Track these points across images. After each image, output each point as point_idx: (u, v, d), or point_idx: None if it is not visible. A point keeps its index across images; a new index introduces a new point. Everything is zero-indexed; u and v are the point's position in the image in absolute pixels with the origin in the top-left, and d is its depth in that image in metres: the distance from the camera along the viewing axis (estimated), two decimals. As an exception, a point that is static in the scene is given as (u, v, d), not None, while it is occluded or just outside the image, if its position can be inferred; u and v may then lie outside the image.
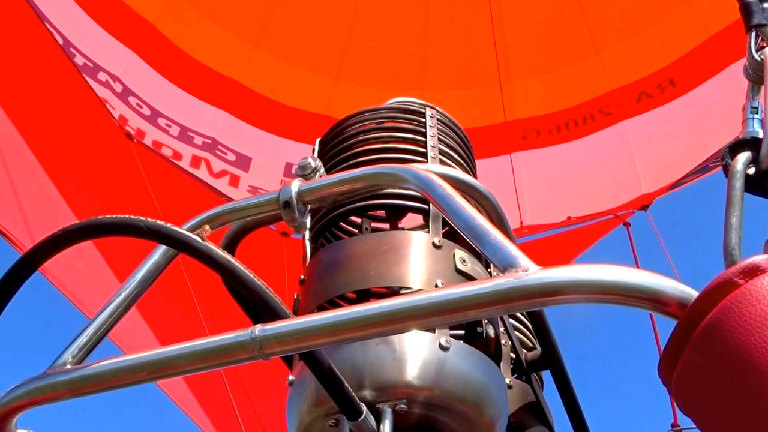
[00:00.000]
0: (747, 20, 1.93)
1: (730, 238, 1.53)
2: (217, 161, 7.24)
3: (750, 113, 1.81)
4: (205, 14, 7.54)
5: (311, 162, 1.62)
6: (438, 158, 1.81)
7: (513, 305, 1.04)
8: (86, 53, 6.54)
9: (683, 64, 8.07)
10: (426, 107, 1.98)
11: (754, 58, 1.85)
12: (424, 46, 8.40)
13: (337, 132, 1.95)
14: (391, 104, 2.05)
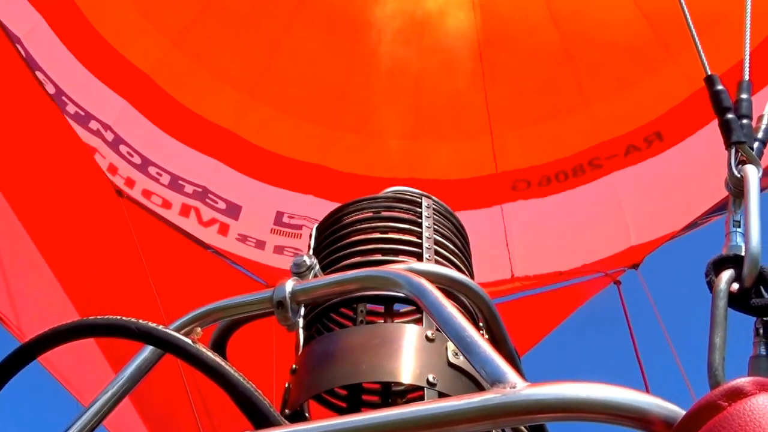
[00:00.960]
0: (726, 137, 2.02)
1: (713, 357, 1.54)
2: (207, 209, 7.11)
3: (733, 227, 1.84)
4: (200, 64, 7.49)
5: (306, 260, 1.60)
6: (433, 253, 1.80)
7: (500, 421, 1.04)
8: (78, 102, 6.44)
9: (669, 118, 8.04)
10: (422, 197, 2.02)
11: (734, 175, 1.92)
12: (417, 97, 8.36)
13: (334, 219, 1.96)
14: (388, 193, 2.09)
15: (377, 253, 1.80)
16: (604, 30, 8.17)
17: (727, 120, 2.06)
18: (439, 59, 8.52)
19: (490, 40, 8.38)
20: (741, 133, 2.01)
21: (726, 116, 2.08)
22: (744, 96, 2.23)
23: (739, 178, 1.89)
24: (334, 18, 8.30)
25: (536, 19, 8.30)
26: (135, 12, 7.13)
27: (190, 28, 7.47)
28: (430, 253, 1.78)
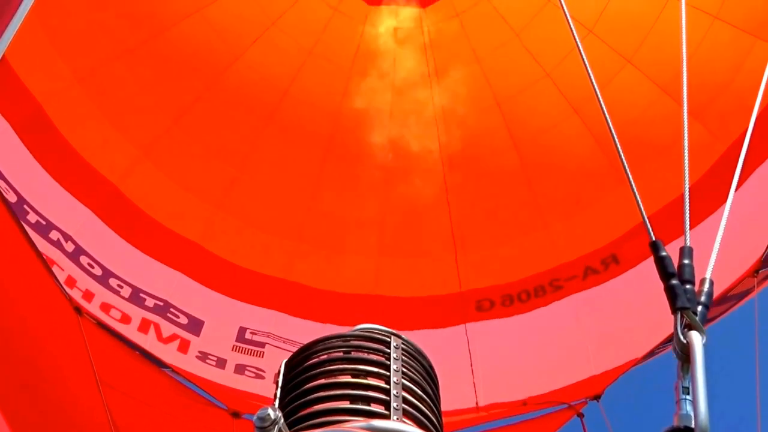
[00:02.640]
0: (672, 303, 2.12)
1: None
2: (168, 325, 6.66)
3: (682, 393, 1.88)
4: (169, 176, 7.25)
5: (270, 413, 1.58)
6: (401, 401, 1.76)
7: None
8: (41, 211, 6.07)
9: (624, 242, 8.03)
10: (391, 336, 1.99)
11: (680, 340, 1.98)
12: (383, 214, 8.21)
13: (303, 357, 1.93)
14: (357, 331, 2.05)
15: (345, 399, 1.76)
16: (561, 154, 8.27)
17: (671, 286, 2.16)
18: (405, 179, 8.46)
19: (453, 162, 8.40)
20: (685, 299, 2.10)
21: (670, 282, 2.18)
22: (686, 261, 2.35)
23: (685, 343, 1.94)
24: (303, 135, 8.23)
25: (498, 143, 8.38)
26: (105, 121, 6.93)
27: (160, 140, 7.28)
28: (397, 402, 1.73)
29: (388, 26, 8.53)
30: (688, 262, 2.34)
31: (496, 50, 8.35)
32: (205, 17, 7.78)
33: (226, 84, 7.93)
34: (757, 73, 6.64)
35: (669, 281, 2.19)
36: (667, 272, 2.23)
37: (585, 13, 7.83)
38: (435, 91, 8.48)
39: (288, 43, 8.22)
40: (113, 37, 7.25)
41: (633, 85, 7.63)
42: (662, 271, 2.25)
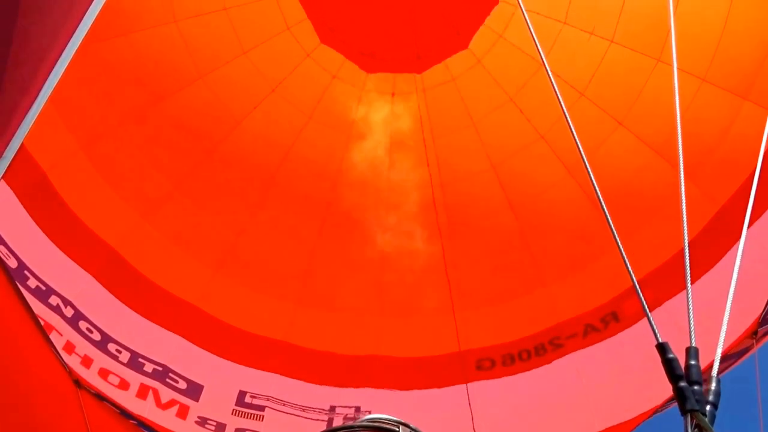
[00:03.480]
0: (681, 405, 2.14)
1: None
2: (167, 390, 6.53)
3: None
4: (169, 240, 7.23)
5: None
6: None
7: None
8: (41, 276, 6.03)
9: (624, 299, 7.96)
10: (400, 426, 1.99)
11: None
12: (381, 275, 8.16)
13: None
14: (365, 422, 2.04)
15: None
16: (557, 215, 8.27)
17: (680, 388, 2.17)
18: (403, 241, 8.45)
19: (450, 223, 8.40)
20: (694, 401, 2.11)
21: (679, 384, 2.19)
22: (693, 362, 2.35)
23: None
24: (302, 199, 8.25)
25: (494, 205, 8.38)
26: (108, 187, 6.94)
27: (161, 204, 7.28)
28: None
29: (385, 92, 8.65)
30: (694, 363, 2.34)
31: (490, 114, 8.44)
32: (207, 84, 7.90)
33: (227, 149, 7.99)
34: (746, 133, 6.75)
35: (677, 384, 2.20)
36: (675, 374, 2.24)
37: (576, 76, 7.95)
38: (431, 154, 8.54)
39: (287, 109, 8.32)
40: (116, 104, 7.34)
41: (625, 147, 7.68)
42: (670, 374, 2.27)
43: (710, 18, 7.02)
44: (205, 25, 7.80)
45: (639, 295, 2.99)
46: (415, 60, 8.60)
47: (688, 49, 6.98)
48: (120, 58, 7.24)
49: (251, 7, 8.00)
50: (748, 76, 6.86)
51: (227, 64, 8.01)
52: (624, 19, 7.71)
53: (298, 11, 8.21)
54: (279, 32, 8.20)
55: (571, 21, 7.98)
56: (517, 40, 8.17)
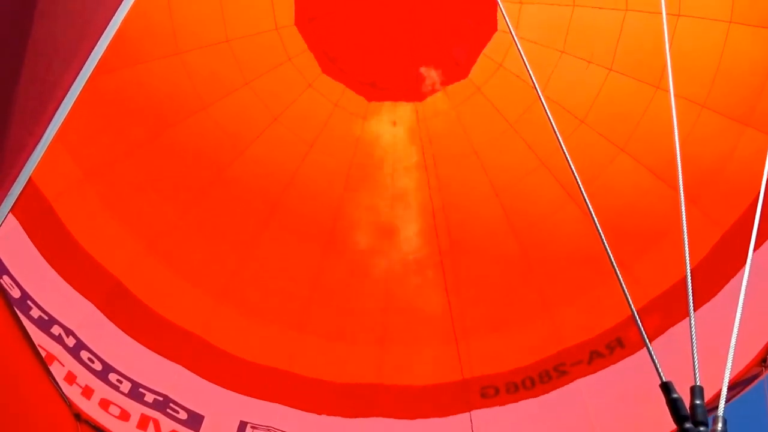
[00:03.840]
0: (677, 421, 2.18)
1: None
2: (167, 421, 6.47)
3: None
4: (171, 268, 7.23)
5: None
6: None
7: None
8: (44, 306, 6.01)
9: (629, 325, 7.91)
10: None
11: None
12: (383, 303, 8.12)
13: None
14: None
15: None
16: (560, 241, 8.25)
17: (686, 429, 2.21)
18: (405, 269, 8.42)
19: (453, 251, 8.37)
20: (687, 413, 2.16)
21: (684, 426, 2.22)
22: (698, 402, 2.37)
23: None
24: (305, 227, 8.25)
25: (497, 232, 8.37)
26: (111, 216, 6.96)
27: (164, 233, 7.28)
28: None
29: (387, 120, 8.70)
30: (699, 403, 2.35)
31: (492, 141, 8.47)
32: (210, 114, 7.95)
33: (230, 178, 8.02)
34: (748, 159, 6.76)
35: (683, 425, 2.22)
36: (680, 415, 2.25)
37: (576, 103, 8.00)
38: (433, 182, 8.56)
39: (290, 137, 8.36)
40: (121, 135, 7.38)
41: (627, 173, 7.69)
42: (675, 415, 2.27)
43: (708, 45, 7.08)
44: (209, 56, 7.88)
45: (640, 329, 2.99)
46: (415, 88, 8.67)
47: (687, 76, 7.02)
48: (125, 90, 7.30)
49: (254, 39, 8.09)
50: (748, 103, 6.89)
51: (230, 94, 8.08)
52: (621, 47, 7.78)
53: (300, 42, 8.30)
54: (281, 63, 8.28)
55: (569, 50, 8.05)
56: (516, 69, 8.24)
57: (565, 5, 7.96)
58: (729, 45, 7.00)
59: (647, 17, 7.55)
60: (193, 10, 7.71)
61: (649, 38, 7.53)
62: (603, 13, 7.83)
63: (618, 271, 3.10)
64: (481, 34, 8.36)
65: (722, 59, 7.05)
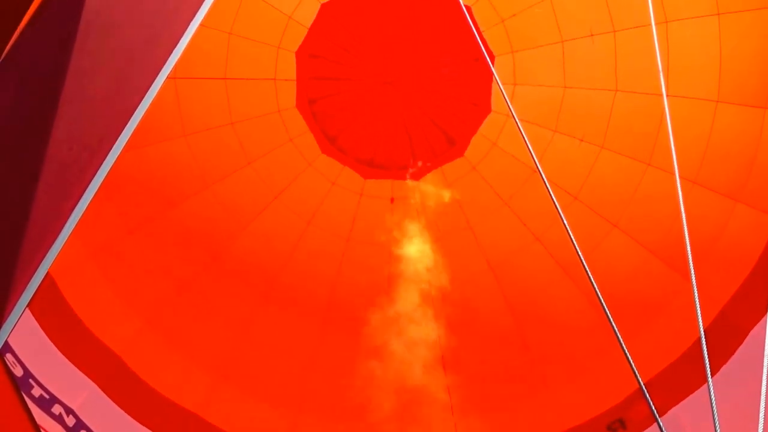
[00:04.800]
0: None
1: None
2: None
3: None
4: (172, 345, 7.18)
5: None
6: None
7: None
8: (46, 385, 5.94)
9: (631, 405, 7.79)
10: None
11: None
12: (381, 382, 8.04)
13: None
14: None
15: None
16: (555, 315, 8.25)
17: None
18: (402, 345, 8.38)
19: (449, 327, 8.36)
20: None
21: None
22: None
23: None
24: (302, 303, 8.25)
25: (492, 307, 8.38)
26: (114, 294, 6.97)
27: (165, 310, 7.28)
28: None
29: (383, 197, 8.85)
30: None
31: (486, 217, 8.61)
32: (213, 193, 8.10)
33: (230, 255, 8.08)
34: (740, 234, 6.88)
35: None
36: None
37: (569, 180, 8.18)
38: (429, 257, 8.63)
39: (289, 215, 8.49)
40: (126, 214, 7.48)
41: (621, 248, 7.78)
42: None
43: (697, 124, 7.29)
44: (213, 138, 8.10)
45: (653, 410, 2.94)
46: (411, 167, 8.86)
47: (677, 153, 7.21)
48: (131, 170, 7.45)
49: (257, 121, 8.33)
50: (738, 179, 7.03)
51: (233, 174, 8.25)
52: (613, 126, 8.02)
53: (301, 124, 8.54)
54: (282, 144, 8.50)
55: (562, 128, 8.29)
56: (510, 148, 8.46)
57: (556, 86, 8.26)
58: (717, 123, 7.21)
59: (637, 97, 7.82)
60: (200, 95, 7.97)
61: (639, 117, 7.77)
62: (594, 94, 8.10)
63: (625, 346, 3.06)
64: (477, 115, 8.64)
65: (711, 137, 7.25)
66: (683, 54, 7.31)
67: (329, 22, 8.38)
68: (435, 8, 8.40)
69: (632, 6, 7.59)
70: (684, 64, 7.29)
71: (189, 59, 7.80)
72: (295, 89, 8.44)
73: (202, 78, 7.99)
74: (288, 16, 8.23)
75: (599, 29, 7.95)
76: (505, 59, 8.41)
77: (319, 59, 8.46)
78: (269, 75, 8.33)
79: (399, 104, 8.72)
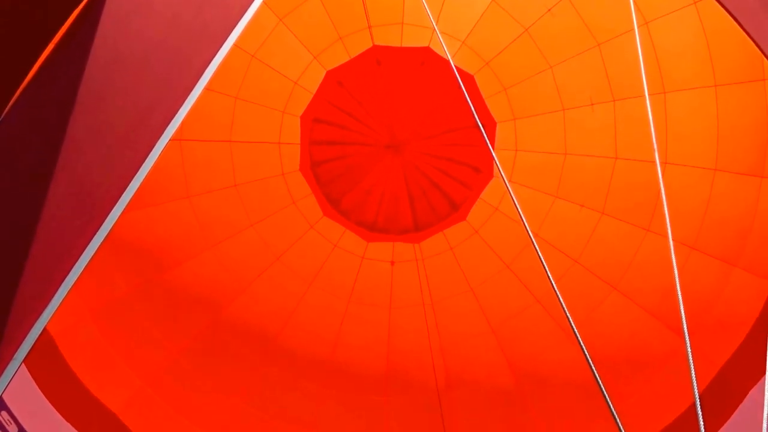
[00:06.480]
0: None
1: None
2: None
3: None
4: (171, 406, 7.08)
5: None
6: None
7: None
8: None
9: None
10: None
11: None
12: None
13: None
14: None
15: None
16: (556, 376, 8.16)
17: None
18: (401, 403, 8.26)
19: (449, 386, 8.28)
20: None
21: None
22: None
23: None
24: (303, 363, 8.19)
25: (493, 367, 8.31)
26: (113, 353, 6.93)
27: (164, 371, 7.23)
28: None
29: (385, 260, 8.89)
30: None
31: (488, 280, 8.62)
32: (214, 254, 8.15)
33: (231, 316, 8.07)
34: (737, 298, 6.86)
35: None
36: None
37: (569, 244, 8.23)
38: (431, 319, 8.61)
39: (290, 277, 8.51)
40: (127, 274, 7.50)
41: (620, 310, 7.78)
42: None
43: (696, 191, 7.37)
44: (216, 200, 8.20)
45: None
46: (413, 231, 8.92)
47: (676, 219, 7.27)
48: (133, 231, 7.52)
49: (260, 184, 8.46)
50: (736, 244, 7.07)
51: (235, 235, 8.33)
52: (612, 192, 8.11)
53: (304, 187, 8.66)
54: (285, 206, 8.61)
55: (562, 195, 8.39)
56: (511, 212, 8.54)
57: (557, 153, 8.38)
58: (715, 191, 7.29)
59: (636, 164, 7.93)
60: (205, 157, 8.12)
61: (638, 184, 7.86)
62: (594, 161, 8.22)
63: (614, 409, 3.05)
64: (479, 180, 8.75)
65: (709, 204, 7.32)
66: (681, 123, 7.45)
67: (334, 87, 8.59)
68: (439, 76, 8.62)
69: (631, 77, 7.77)
70: (682, 133, 7.42)
71: (195, 122, 7.97)
72: (299, 153, 8.59)
73: (207, 140, 8.15)
74: (294, 82, 8.45)
75: (599, 98, 8.12)
76: (507, 126, 8.57)
77: (323, 124, 8.64)
78: (274, 139, 8.50)
79: (402, 168, 8.85)
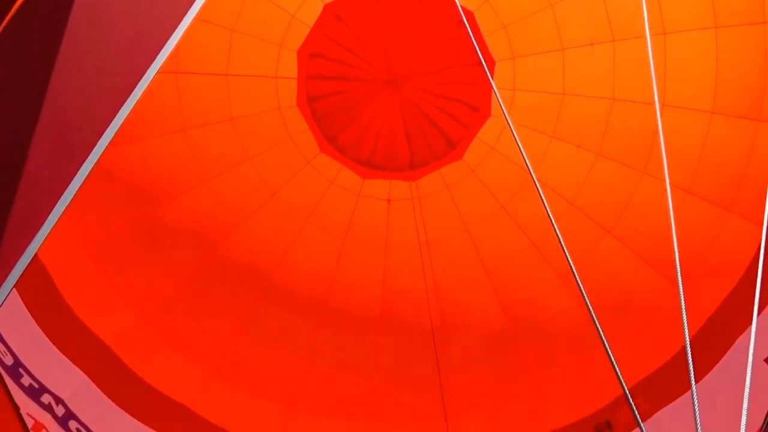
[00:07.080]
0: None
1: None
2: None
3: None
4: (165, 340, 7.18)
5: None
6: None
7: None
8: (35, 374, 5.94)
9: (618, 408, 7.79)
10: None
11: None
12: (375, 377, 8.06)
13: None
14: None
15: None
16: (549, 320, 8.24)
17: None
18: (396, 342, 8.38)
19: (444, 327, 8.37)
20: None
21: None
22: None
23: None
24: (297, 300, 8.26)
25: (487, 311, 8.39)
26: (108, 287, 6.97)
27: (159, 306, 7.28)
28: None
29: (381, 198, 8.85)
30: None
31: (483, 221, 8.61)
32: (210, 189, 8.10)
33: (226, 252, 8.08)
34: (732, 244, 6.88)
35: None
36: None
37: (565, 186, 8.18)
38: (426, 260, 8.64)
39: (286, 213, 8.49)
40: (121, 209, 7.47)
41: (614, 255, 7.80)
42: None
43: (692, 134, 7.31)
44: (212, 133, 8.10)
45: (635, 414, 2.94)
46: (410, 169, 8.86)
47: (672, 162, 7.22)
48: (127, 164, 7.45)
49: (256, 118, 8.33)
50: (731, 189, 7.06)
51: (231, 170, 8.25)
52: (609, 133, 8.03)
53: (300, 122, 8.54)
54: (281, 141, 8.50)
55: (559, 135, 8.30)
56: (508, 152, 8.46)
57: (555, 93, 8.26)
58: (711, 134, 7.24)
59: (633, 106, 7.83)
60: (201, 90, 7.98)
61: (635, 126, 7.78)
62: (592, 101, 8.11)
63: (610, 350, 3.08)
64: (477, 119, 8.64)
65: (705, 147, 7.27)
66: (680, 65, 7.32)
67: (332, 21, 8.38)
68: (439, 12, 8.40)
69: (632, 17, 7.59)
70: (681, 75, 7.31)
71: (191, 55, 7.80)
72: (296, 87, 8.44)
73: (203, 73, 7.99)
74: (291, 15, 8.23)
75: (599, 38, 7.95)
76: (506, 65, 8.41)
77: (320, 58, 8.46)
78: (270, 73, 8.33)
79: (399, 105, 8.73)
